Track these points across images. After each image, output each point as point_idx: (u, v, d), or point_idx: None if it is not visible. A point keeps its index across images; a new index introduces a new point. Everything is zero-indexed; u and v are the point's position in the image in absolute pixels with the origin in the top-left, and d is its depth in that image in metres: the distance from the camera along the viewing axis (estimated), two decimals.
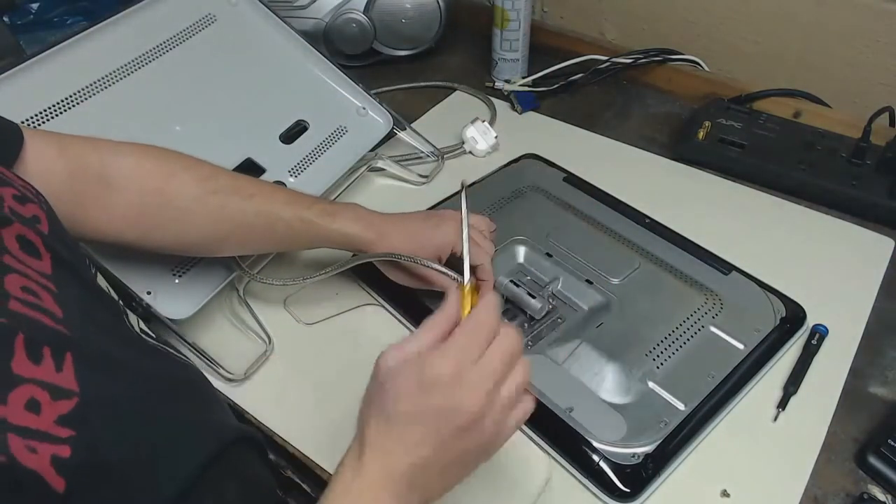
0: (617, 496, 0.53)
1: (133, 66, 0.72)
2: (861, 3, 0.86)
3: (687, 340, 0.62)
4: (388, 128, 0.84)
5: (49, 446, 0.32)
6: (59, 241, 0.42)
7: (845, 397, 0.60)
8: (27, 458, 0.31)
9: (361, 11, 0.97)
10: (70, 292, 0.40)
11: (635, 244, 0.71)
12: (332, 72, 0.84)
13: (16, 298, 0.35)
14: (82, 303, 0.41)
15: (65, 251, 0.42)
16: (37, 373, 0.34)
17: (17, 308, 0.35)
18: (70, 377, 0.35)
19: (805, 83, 0.92)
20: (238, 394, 0.62)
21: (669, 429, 0.56)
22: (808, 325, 0.64)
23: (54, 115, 0.66)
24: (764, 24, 0.94)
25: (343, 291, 0.70)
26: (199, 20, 0.78)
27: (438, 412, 0.39)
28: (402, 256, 0.61)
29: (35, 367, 0.34)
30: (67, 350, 0.36)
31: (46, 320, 0.36)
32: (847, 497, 0.54)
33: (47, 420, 0.33)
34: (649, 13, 1.03)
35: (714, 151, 0.83)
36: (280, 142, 0.78)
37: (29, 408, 0.32)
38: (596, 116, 0.94)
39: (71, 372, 0.35)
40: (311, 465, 0.57)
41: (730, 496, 0.54)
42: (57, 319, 0.37)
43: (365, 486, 0.40)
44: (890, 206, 0.74)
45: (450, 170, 0.86)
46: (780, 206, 0.78)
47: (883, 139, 0.78)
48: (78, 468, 0.33)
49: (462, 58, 1.07)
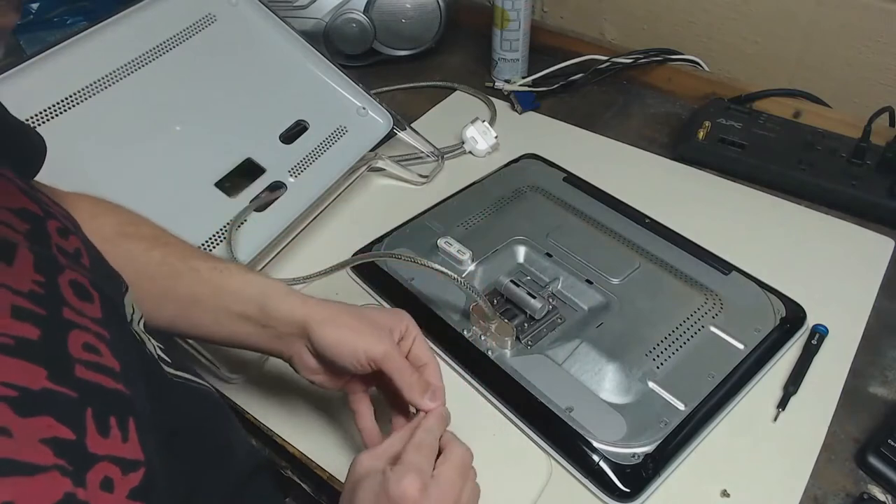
0: (617, 496, 0.53)
1: (133, 66, 0.72)
2: (861, 3, 0.86)
3: (687, 340, 0.62)
4: (388, 128, 0.84)
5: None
6: (99, 275, 0.40)
7: (845, 397, 0.60)
8: None
9: (361, 11, 0.97)
10: (118, 335, 0.38)
11: (635, 244, 0.71)
12: (332, 72, 0.84)
13: (80, 362, 0.34)
14: (129, 346, 0.39)
15: (106, 285, 0.40)
16: (108, 448, 0.32)
17: (82, 374, 0.33)
18: (136, 447, 0.34)
19: (805, 83, 0.92)
20: (238, 394, 0.62)
21: (669, 429, 0.56)
22: (808, 325, 0.65)
23: (54, 115, 0.66)
24: (764, 24, 0.94)
25: (343, 291, 0.70)
26: (199, 20, 0.78)
27: None
28: (403, 256, 0.61)
29: (105, 440, 0.32)
30: (130, 415, 0.34)
31: (108, 382, 0.35)
32: (847, 497, 0.54)
33: (120, 496, 0.32)
34: (649, 13, 1.03)
35: (714, 151, 0.83)
36: (280, 142, 0.78)
37: (104, 487, 0.31)
38: (596, 116, 0.94)
39: (136, 440, 0.34)
40: (311, 465, 0.57)
41: (730, 496, 0.54)
42: (116, 377, 0.35)
43: None
44: (890, 206, 0.74)
45: (450, 170, 0.86)
46: (780, 206, 0.78)
47: (883, 139, 0.78)
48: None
49: (462, 58, 1.07)
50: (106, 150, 0.68)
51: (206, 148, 0.73)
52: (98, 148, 0.67)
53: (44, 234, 0.37)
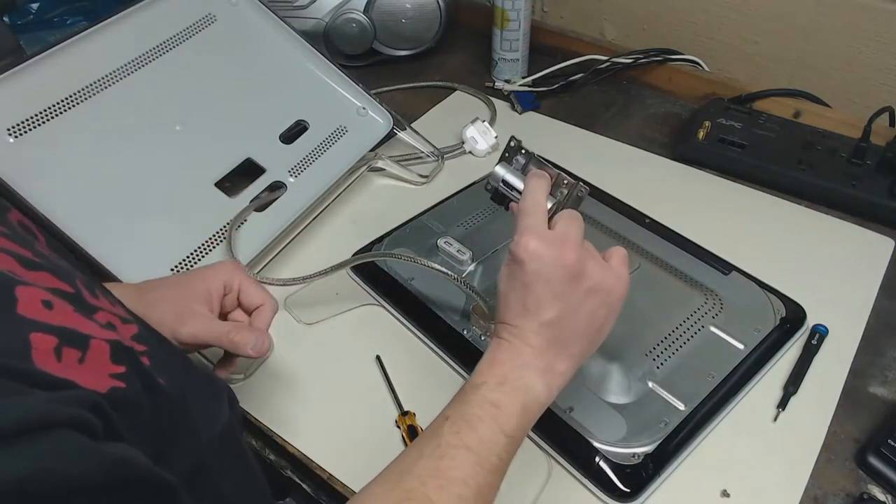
0: (617, 496, 0.53)
1: (133, 66, 0.72)
2: (861, 3, 0.86)
3: (687, 340, 0.62)
4: (388, 128, 0.84)
5: (137, 350, 0.36)
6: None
7: (845, 397, 0.60)
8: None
9: (361, 11, 0.97)
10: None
11: (635, 244, 0.71)
12: (332, 72, 0.84)
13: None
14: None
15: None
16: (101, 304, 0.37)
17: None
18: (125, 311, 0.39)
19: (805, 83, 0.92)
20: (238, 394, 0.62)
21: (669, 429, 0.56)
22: (808, 325, 0.64)
23: (54, 115, 0.66)
24: (764, 24, 0.94)
25: (343, 291, 0.70)
26: (199, 20, 0.78)
27: (571, 281, 0.45)
28: (403, 256, 0.61)
29: (96, 300, 0.37)
30: (120, 303, 0.40)
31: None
32: (847, 497, 0.54)
33: (125, 336, 0.36)
34: (649, 13, 1.03)
35: (714, 151, 0.83)
36: (280, 142, 0.78)
37: (108, 328, 0.35)
38: (596, 116, 0.94)
39: (123, 308, 0.40)
40: (311, 465, 0.57)
41: (730, 496, 0.54)
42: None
43: (513, 346, 0.45)
44: (890, 206, 0.74)
45: (450, 170, 0.86)
46: (780, 206, 0.78)
47: (883, 139, 0.78)
48: (148, 367, 0.36)
49: (462, 58, 1.07)
50: (106, 150, 0.68)
51: (206, 148, 0.73)
52: (98, 148, 0.67)
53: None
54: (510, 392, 0.44)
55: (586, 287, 0.45)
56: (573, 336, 0.46)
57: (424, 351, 0.65)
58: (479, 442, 0.42)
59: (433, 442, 0.42)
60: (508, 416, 0.43)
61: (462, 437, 0.42)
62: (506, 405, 0.43)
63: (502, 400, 0.44)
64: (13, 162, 0.62)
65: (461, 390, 0.45)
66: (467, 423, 0.42)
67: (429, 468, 0.41)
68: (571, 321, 0.45)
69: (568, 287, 0.45)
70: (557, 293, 0.45)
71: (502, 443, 0.42)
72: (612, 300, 0.47)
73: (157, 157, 0.70)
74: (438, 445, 0.42)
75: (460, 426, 0.42)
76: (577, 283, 0.45)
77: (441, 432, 0.42)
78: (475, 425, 0.42)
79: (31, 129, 0.64)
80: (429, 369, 0.63)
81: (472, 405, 0.43)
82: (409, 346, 0.66)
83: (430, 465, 0.41)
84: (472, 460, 0.41)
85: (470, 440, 0.42)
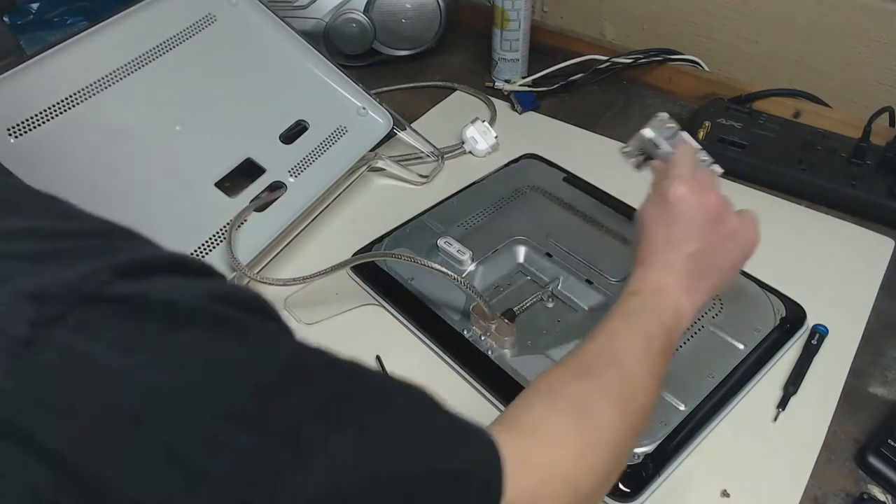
0: (617, 496, 0.53)
1: (133, 66, 0.72)
2: (861, 3, 0.86)
3: (687, 340, 0.62)
4: (388, 128, 0.84)
5: None
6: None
7: (845, 397, 0.60)
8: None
9: (361, 11, 0.97)
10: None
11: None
12: (332, 72, 0.84)
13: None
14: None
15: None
16: None
17: None
18: None
19: (805, 83, 0.92)
20: None
21: (669, 429, 0.56)
22: (808, 325, 0.64)
23: (54, 115, 0.66)
24: (764, 24, 0.94)
25: (343, 291, 0.70)
26: (199, 20, 0.78)
27: (712, 224, 0.52)
28: (403, 256, 0.61)
29: None
30: None
31: None
32: (847, 497, 0.54)
33: None
34: (649, 13, 1.03)
35: (714, 151, 0.82)
36: (280, 142, 0.78)
37: None
38: (596, 116, 0.94)
39: None
40: None
41: (730, 496, 0.54)
42: None
43: (660, 270, 0.51)
44: (890, 206, 0.74)
45: (450, 170, 0.86)
46: (780, 206, 0.78)
47: (883, 139, 0.78)
48: None
49: (462, 58, 1.07)
50: (106, 150, 0.68)
51: (206, 148, 0.73)
52: (98, 148, 0.67)
53: None
54: (662, 296, 0.50)
55: (725, 231, 0.52)
56: (710, 269, 0.52)
57: (424, 351, 0.65)
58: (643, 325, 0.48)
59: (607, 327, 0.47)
60: (664, 310, 0.49)
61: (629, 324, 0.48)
62: (660, 304, 0.49)
63: (657, 302, 0.49)
64: (13, 162, 0.62)
65: (617, 303, 0.50)
66: (629, 316, 0.48)
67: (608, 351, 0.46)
68: (710, 257, 0.51)
69: (709, 228, 0.51)
70: (700, 231, 0.51)
71: (661, 335, 0.47)
72: (746, 245, 0.53)
73: (157, 157, 0.70)
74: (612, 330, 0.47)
75: (629, 318, 0.48)
76: (717, 225, 0.52)
77: (612, 325, 0.48)
78: (635, 318, 0.48)
79: (31, 129, 0.64)
80: (429, 369, 0.63)
81: (633, 303, 0.49)
82: (409, 346, 0.66)
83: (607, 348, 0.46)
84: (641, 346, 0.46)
85: (637, 327, 0.47)
